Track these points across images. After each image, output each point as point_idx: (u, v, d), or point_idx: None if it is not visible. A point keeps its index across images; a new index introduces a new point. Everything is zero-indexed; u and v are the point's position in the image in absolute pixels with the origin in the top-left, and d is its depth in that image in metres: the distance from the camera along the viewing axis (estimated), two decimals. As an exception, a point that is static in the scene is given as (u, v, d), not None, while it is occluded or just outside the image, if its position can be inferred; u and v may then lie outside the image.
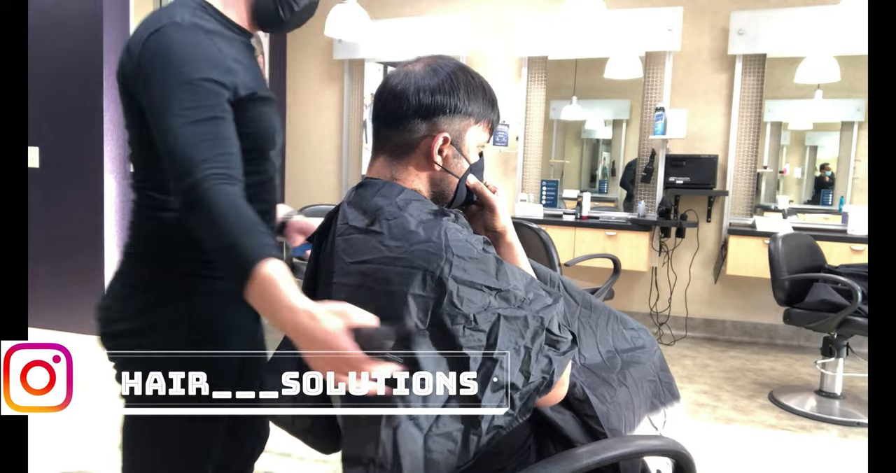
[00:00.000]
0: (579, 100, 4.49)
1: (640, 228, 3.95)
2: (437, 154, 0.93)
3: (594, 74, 4.43)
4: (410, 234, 0.83)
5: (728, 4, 4.01)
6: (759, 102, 4.02)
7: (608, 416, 0.95)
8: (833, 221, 3.96)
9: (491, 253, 0.84)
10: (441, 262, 0.79)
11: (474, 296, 0.79)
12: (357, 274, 0.84)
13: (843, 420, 2.75)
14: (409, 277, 0.79)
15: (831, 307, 2.72)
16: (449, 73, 0.94)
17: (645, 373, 1.08)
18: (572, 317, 1.09)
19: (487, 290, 0.80)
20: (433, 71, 0.94)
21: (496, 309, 0.79)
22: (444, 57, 0.99)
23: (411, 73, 0.94)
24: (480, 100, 0.95)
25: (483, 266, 0.81)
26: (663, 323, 4.22)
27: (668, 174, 4.04)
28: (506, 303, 0.80)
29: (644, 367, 1.08)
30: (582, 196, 4.29)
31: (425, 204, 0.92)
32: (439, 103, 0.92)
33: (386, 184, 0.94)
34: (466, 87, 0.94)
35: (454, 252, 0.80)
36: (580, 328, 1.09)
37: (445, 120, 0.93)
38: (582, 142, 4.69)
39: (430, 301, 0.79)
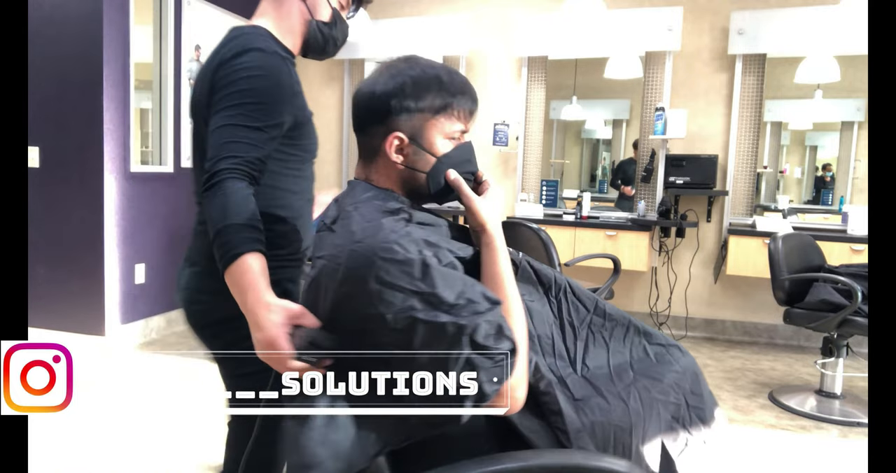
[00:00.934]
0: (579, 100, 4.49)
1: (640, 228, 3.95)
2: (395, 154, 0.97)
3: (594, 74, 4.43)
4: (350, 234, 0.87)
5: (728, 4, 4.01)
6: (759, 102, 4.02)
7: (580, 432, 0.91)
8: (833, 221, 3.96)
9: (426, 256, 0.83)
10: (366, 263, 0.82)
11: (395, 298, 0.80)
12: (316, 268, 0.91)
13: (843, 420, 2.75)
14: (339, 275, 0.83)
15: (831, 307, 2.72)
16: (398, 73, 0.98)
17: (663, 392, 1.01)
18: (580, 324, 1.06)
19: (409, 293, 0.80)
20: (388, 75, 0.98)
21: (415, 312, 0.80)
22: (409, 58, 1.01)
23: (369, 80, 1.01)
24: (435, 92, 0.96)
25: (408, 268, 0.81)
26: (663, 323, 4.22)
27: (668, 174, 4.04)
28: (428, 307, 0.80)
29: (661, 385, 1.01)
30: (582, 196, 4.29)
31: (386, 203, 0.95)
32: (390, 106, 0.95)
33: (358, 184, 1.01)
34: (416, 85, 0.96)
35: (380, 254, 0.82)
36: (589, 336, 1.06)
37: (400, 120, 0.96)
38: (582, 142, 4.69)
39: (354, 300, 0.82)
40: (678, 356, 1.08)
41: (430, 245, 0.86)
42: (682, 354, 1.09)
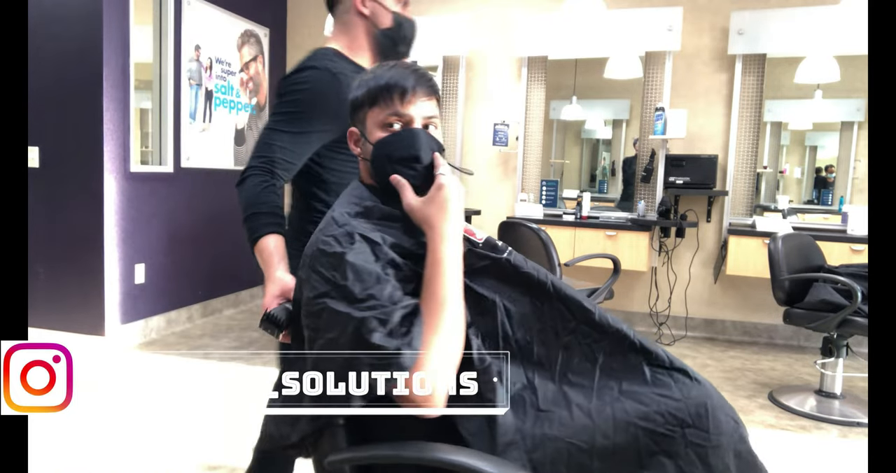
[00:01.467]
0: (579, 100, 4.49)
1: (639, 228, 3.95)
2: (354, 147, 1.08)
3: (594, 74, 4.43)
4: (318, 226, 0.99)
5: (728, 4, 4.01)
6: (758, 102, 4.02)
7: (512, 445, 0.89)
8: (833, 221, 3.96)
9: (346, 250, 0.90)
10: (311, 253, 0.94)
11: (317, 285, 0.90)
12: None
13: (842, 420, 2.75)
14: (300, 261, 0.97)
15: (831, 307, 2.72)
16: (360, 76, 1.08)
17: (646, 419, 0.91)
18: (565, 332, 0.99)
19: (326, 282, 0.89)
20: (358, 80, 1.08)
21: (327, 299, 0.88)
22: (387, 63, 1.09)
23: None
24: (371, 85, 1.02)
25: (332, 260, 0.90)
26: (663, 323, 4.22)
27: (667, 174, 4.04)
28: (338, 297, 0.87)
29: (646, 411, 0.92)
30: (582, 196, 4.29)
31: (352, 197, 1.04)
32: (350, 104, 1.07)
33: (351, 180, 1.12)
34: (360, 83, 1.05)
35: (319, 246, 0.93)
36: (574, 346, 0.98)
37: (355, 117, 1.06)
38: (582, 142, 4.69)
39: (300, 282, 0.97)
40: (683, 382, 0.95)
41: (367, 240, 0.92)
42: (692, 381, 0.96)
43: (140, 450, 2.26)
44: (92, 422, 2.48)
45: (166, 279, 3.83)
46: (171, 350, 3.50)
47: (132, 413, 2.59)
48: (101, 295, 3.39)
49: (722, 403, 0.96)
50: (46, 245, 3.40)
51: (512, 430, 0.90)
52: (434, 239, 0.95)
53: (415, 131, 1.02)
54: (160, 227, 3.76)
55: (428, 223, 0.96)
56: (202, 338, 3.75)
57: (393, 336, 0.86)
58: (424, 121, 1.03)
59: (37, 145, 3.35)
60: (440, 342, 0.89)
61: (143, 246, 3.64)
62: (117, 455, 2.23)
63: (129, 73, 3.41)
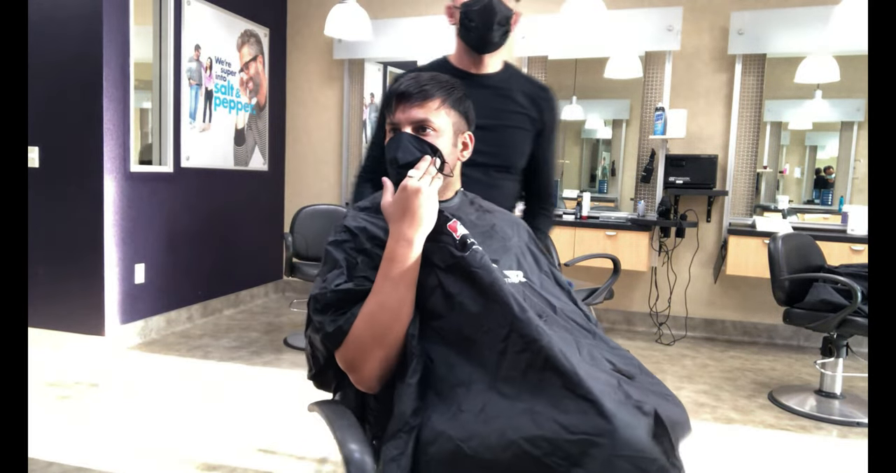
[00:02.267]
0: (579, 100, 4.49)
1: (639, 228, 3.95)
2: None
3: (594, 74, 4.43)
4: None
5: (728, 4, 4.01)
6: (758, 102, 4.02)
7: (401, 431, 0.95)
8: (833, 221, 3.96)
9: (336, 238, 1.12)
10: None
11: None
12: None
13: (842, 420, 2.75)
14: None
15: (831, 307, 2.72)
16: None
17: (530, 440, 0.86)
18: (498, 336, 0.98)
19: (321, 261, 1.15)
20: None
21: (318, 275, 1.13)
22: (408, 73, 1.25)
23: None
24: (384, 97, 1.20)
25: (326, 246, 1.12)
26: (663, 322, 4.22)
27: (667, 174, 4.04)
28: (320, 274, 1.11)
29: (534, 433, 0.86)
30: (582, 196, 4.29)
31: (378, 192, 1.18)
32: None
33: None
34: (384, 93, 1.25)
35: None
36: (507, 349, 0.98)
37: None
38: (582, 141, 4.69)
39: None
40: (588, 414, 0.86)
41: (349, 231, 1.11)
42: (599, 417, 0.85)
43: (140, 450, 2.26)
44: (92, 422, 2.48)
45: (166, 279, 3.83)
46: (171, 350, 3.50)
47: (132, 413, 2.59)
48: (100, 294, 3.39)
49: (632, 450, 0.82)
50: (46, 245, 3.40)
51: (405, 418, 0.95)
52: (389, 236, 1.06)
53: (397, 135, 1.13)
54: (160, 227, 3.76)
55: (388, 220, 1.08)
56: (202, 338, 3.75)
57: (324, 312, 1.06)
58: (414, 125, 1.13)
59: (37, 145, 3.35)
60: (362, 326, 1.03)
61: (143, 246, 3.64)
62: (117, 454, 2.23)
63: (129, 73, 3.42)
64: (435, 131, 1.13)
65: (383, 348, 1.01)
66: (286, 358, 3.41)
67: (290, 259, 3.66)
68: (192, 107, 3.94)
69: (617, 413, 0.85)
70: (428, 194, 1.05)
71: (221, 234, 4.32)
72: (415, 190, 1.04)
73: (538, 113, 1.66)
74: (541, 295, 1.14)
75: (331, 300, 1.05)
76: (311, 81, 4.94)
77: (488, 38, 1.52)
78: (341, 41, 4.70)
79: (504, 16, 1.51)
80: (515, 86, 1.64)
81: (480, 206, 1.26)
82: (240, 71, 4.42)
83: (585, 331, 1.12)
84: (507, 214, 1.30)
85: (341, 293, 1.05)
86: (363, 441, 0.97)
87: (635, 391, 0.94)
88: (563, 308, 1.14)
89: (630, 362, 1.08)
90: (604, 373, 0.98)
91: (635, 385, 0.98)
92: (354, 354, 1.03)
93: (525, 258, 1.20)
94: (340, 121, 4.88)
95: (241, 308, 4.55)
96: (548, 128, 1.69)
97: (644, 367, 1.08)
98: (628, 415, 0.86)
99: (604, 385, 0.92)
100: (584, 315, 1.16)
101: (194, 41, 3.92)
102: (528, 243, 1.24)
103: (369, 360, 1.02)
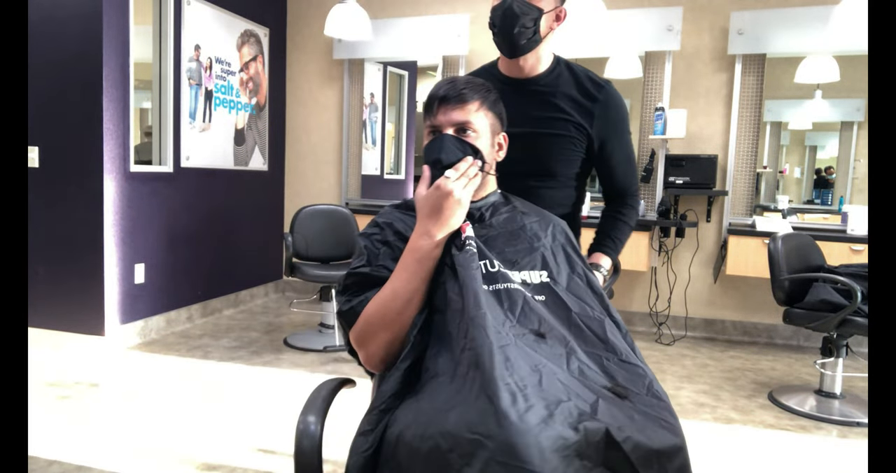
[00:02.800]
0: (579, 100, 4.49)
1: (639, 228, 3.95)
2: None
3: (594, 74, 4.42)
4: None
5: (728, 4, 4.01)
6: (758, 102, 4.02)
7: (373, 408, 1.01)
8: (833, 221, 3.96)
9: (366, 231, 1.22)
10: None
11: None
12: None
13: (842, 420, 2.75)
14: None
15: (831, 307, 2.72)
16: None
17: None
18: (462, 338, 1.00)
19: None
20: None
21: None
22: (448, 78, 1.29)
23: None
24: (426, 101, 1.23)
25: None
26: (663, 322, 4.22)
27: (667, 174, 4.04)
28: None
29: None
30: (582, 196, 4.28)
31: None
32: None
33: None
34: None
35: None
36: (466, 347, 0.99)
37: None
38: (582, 142, 4.69)
39: None
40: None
41: (378, 225, 1.21)
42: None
43: (140, 450, 2.26)
44: (92, 422, 2.48)
45: (166, 279, 3.83)
46: (171, 350, 3.50)
47: (132, 413, 2.59)
48: (100, 294, 3.39)
49: (513, 458, 0.80)
50: (46, 245, 3.40)
51: (384, 397, 1.00)
52: (415, 228, 1.13)
53: (439, 137, 1.17)
54: (160, 227, 3.76)
55: (417, 212, 1.14)
56: (202, 338, 3.75)
57: (343, 294, 1.17)
58: (454, 127, 1.18)
59: (37, 145, 3.35)
60: (374, 309, 1.10)
61: (143, 246, 3.64)
62: (117, 454, 2.23)
63: (129, 73, 3.41)
64: (475, 132, 1.19)
65: (390, 332, 1.09)
66: (286, 358, 3.41)
67: (289, 259, 3.66)
68: (191, 107, 3.94)
69: (511, 418, 0.83)
70: (459, 197, 1.10)
71: (221, 234, 4.32)
72: (448, 192, 1.09)
73: (586, 117, 1.56)
74: (558, 298, 1.13)
75: (348, 282, 1.17)
76: (310, 81, 4.94)
77: (513, 42, 1.47)
78: (341, 41, 4.70)
79: (530, 17, 1.45)
80: (562, 89, 1.56)
81: (515, 207, 1.28)
82: (240, 71, 4.42)
83: (598, 340, 1.08)
84: (546, 216, 1.30)
85: (358, 276, 1.16)
86: (321, 414, 1.05)
87: (613, 410, 0.91)
88: (582, 313, 1.12)
89: (639, 379, 1.03)
90: (583, 386, 0.96)
91: (619, 404, 0.94)
92: (363, 334, 1.11)
93: (555, 259, 1.20)
94: (340, 120, 4.88)
95: (240, 308, 4.55)
96: (608, 127, 1.58)
97: (655, 386, 1.02)
98: (524, 423, 0.83)
99: (536, 391, 0.90)
100: (608, 322, 1.12)
101: (194, 41, 3.92)
102: (563, 244, 1.24)
103: (375, 341, 1.10)
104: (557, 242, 1.23)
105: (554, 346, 1.04)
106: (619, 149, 1.63)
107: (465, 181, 1.12)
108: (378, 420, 0.98)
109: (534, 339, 1.03)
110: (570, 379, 0.97)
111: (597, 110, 1.56)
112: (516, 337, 1.01)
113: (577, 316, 1.11)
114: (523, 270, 1.16)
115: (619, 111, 1.61)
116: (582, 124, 1.56)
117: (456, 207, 1.10)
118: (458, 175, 1.11)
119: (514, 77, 1.57)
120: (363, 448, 0.95)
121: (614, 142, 1.61)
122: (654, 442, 0.88)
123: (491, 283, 1.10)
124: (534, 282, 1.14)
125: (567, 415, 0.87)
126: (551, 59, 1.59)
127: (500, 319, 1.04)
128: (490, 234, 1.20)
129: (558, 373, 0.96)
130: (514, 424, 0.82)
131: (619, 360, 1.06)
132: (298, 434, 1.00)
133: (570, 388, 0.94)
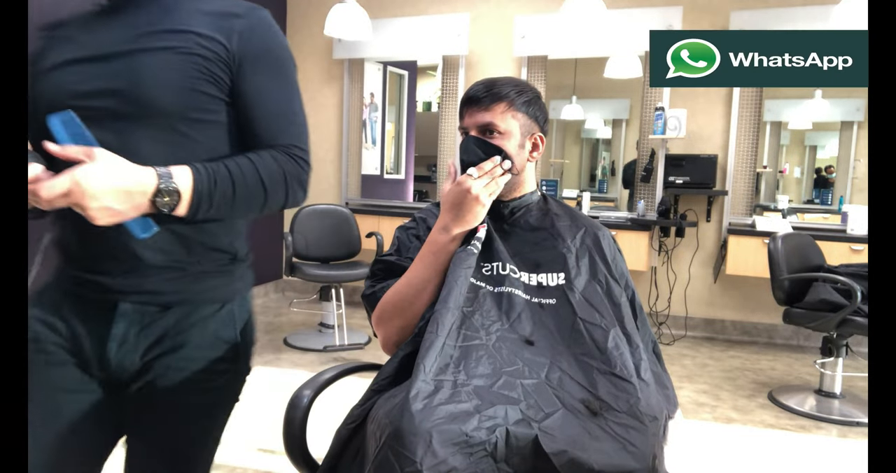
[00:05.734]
0: (579, 100, 4.50)
1: (639, 228, 3.95)
2: None
3: (594, 74, 4.43)
4: None
5: (728, 4, 4.01)
6: (758, 102, 4.02)
7: (374, 391, 1.05)
8: (833, 221, 3.96)
9: (405, 225, 1.30)
10: None
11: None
12: None
13: (842, 420, 2.75)
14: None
15: (831, 306, 2.72)
16: None
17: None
18: (484, 331, 1.06)
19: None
20: None
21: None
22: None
23: None
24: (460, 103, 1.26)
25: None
26: (663, 322, 4.22)
27: (667, 174, 4.04)
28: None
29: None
30: (582, 195, 4.29)
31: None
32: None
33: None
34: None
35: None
36: (482, 348, 1.03)
37: None
38: (582, 141, 4.69)
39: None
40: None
41: (416, 220, 1.29)
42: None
43: (140, 450, 2.26)
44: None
45: (166, 279, 3.82)
46: (171, 349, 3.49)
47: (132, 412, 2.59)
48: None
49: (399, 444, 0.85)
50: (46, 244, 3.39)
51: (379, 380, 1.05)
52: (437, 222, 1.17)
53: (464, 138, 1.20)
54: (160, 227, 3.75)
55: (441, 207, 1.17)
56: (202, 338, 3.74)
57: (370, 278, 1.25)
58: (480, 128, 1.19)
59: (36, 145, 3.34)
60: (390, 295, 1.16)
61: (143, 246, 3.63)
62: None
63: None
64: (501, 134, 1.19)
65: (402, 319, 1.14)
66: (286, 358, 3.41)
67: (289, 258, 3.66)
68: (191, 107, 3.93)
69: (412, 409, 0.88)
70: (477, 194, 1.11)
71: (221, 234, 4.31)
72: (466, 188, 1.11)
73: (218, 31, 0.96)
74: (568, 302, 1.13)
75: (375, 269, 1.24)
76: (310, 81, 4.94)
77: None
78: (341, 41, 4.70)
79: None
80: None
81: (549, 209, 1.28)
82: (239, 70, 4.41)
83: (597, 350, 1.07)
84: (580, 220, 1.28)
85: (385, 263, 1.23)
86: (316, 390, 1.18)
87: (571, 423, 0.92)
88: (588, 320, 1.11)
89: (624, 395, 0.99)
90: (553, 396, 0.97)
91: (583, 419, 0.95)
92: (380, 318, 1.18)
93: (578, 262, 1.19)
94: (340, 120, 4.88)
95: (240, 307, 4.54)
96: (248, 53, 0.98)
97: (641, 406, 0.98)
98: (422, 415, 0.87)
99: (479, 391, 0.95)
100: (615, 333, 1.11)
101: (194, 41, 3.91)
102: (590, 248, 1.23)
103: (389, 326, 1.17)
104: (584, 246, 1.22)
105: (538, 355, 1.05)
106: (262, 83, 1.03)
107: (486, 180, 1.12)
108: (368, 398, 1.04)
109: (520, 345, 1.06)
110: (539, 387, 0.98)
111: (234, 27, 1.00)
112: (500, 340, 1.05)
113: (581, 322, 1.11)
114: (542, 272, 1.17)
115: (261, 37, 1.02)
116: (210, 38, 0.97)
117: (474, 204, 1.11)
118: (481, 173, 1.12)
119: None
120: (349, 420, 1.03)
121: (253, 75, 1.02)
122: (596, 463, 0.86)
123: (496, 285, 1.13)
124: (550, 285, 1.16)
125: (492, 417, 0.90)
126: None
127: (493, 319, 1.08)
128: (515, 233, 1.22)
129: (526, 380, 0.99)
130: (412, 415, 0.87)
131: (611, 373, 1.03)
132: (290, 404, 1.14)
133: (530, 395, 0.96)
